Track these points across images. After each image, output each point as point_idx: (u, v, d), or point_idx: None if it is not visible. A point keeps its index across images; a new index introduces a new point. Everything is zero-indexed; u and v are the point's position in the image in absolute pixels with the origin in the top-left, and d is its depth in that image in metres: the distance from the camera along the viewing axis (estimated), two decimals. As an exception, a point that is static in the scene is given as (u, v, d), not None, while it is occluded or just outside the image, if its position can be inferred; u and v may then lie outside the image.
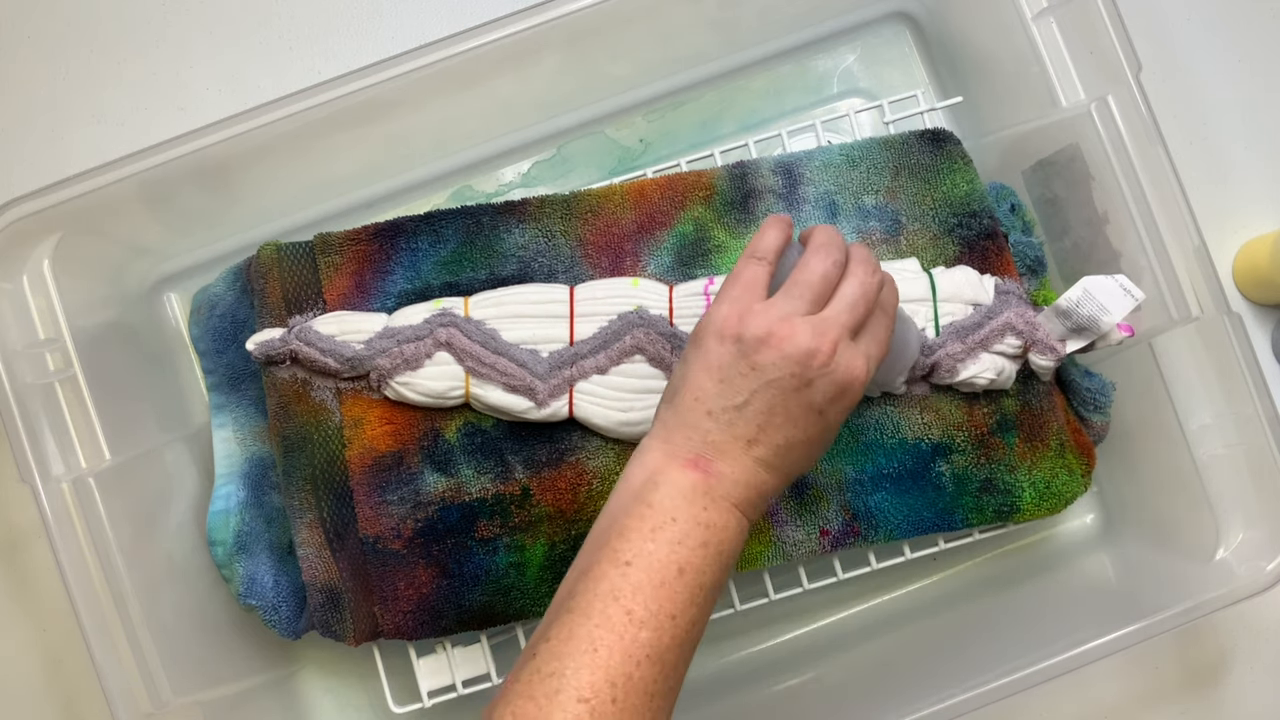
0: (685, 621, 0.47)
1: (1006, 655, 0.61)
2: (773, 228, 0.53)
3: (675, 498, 0.48)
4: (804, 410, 0.49)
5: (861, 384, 0.50)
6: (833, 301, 0.51)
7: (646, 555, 0.47)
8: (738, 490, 0.49)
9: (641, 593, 0.46)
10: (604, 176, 0.74)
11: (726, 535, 0.48)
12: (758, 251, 0.52)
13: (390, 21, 0.75)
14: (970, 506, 0.64)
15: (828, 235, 0.52)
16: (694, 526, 0.48)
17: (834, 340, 0.49)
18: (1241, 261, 0.74)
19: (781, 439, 0.49)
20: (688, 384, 0.50)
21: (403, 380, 0.62)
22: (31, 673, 0.72)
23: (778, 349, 0.48)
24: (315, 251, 0.65)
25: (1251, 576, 0.61)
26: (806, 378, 0.48)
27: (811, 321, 0.49)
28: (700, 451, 0.49)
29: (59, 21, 0.75)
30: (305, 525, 0.63)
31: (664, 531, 0.47)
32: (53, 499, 0.60)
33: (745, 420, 0.49)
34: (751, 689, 0.69)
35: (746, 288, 0.51)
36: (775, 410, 0.49)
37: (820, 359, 0.48)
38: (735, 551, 0.49)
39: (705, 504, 0.48)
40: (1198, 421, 0.64)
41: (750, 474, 0.49)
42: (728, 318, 0.50)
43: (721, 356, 0.49)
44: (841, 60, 0.76)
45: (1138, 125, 0.61)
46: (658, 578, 0.46)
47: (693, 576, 0.47)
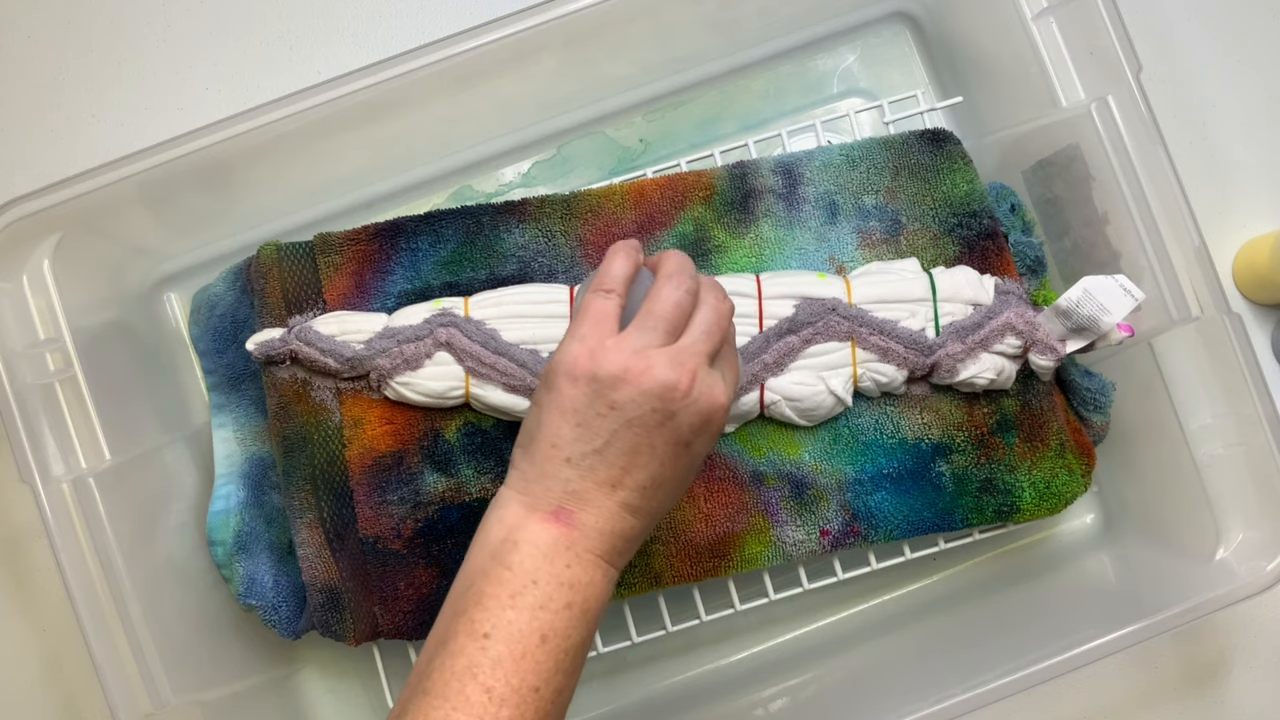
0: (550, 691, 0.45)
1: (1006, 655, 0.61)
2: (619, 256, 0.50)
3: (535, 558, 0.46)
4: (669, 445, 0.47)
5: (724, 411, 0.48)
6: (688, 330, 0.48)
7: (506, 625, 0.44)
8: (603, 541, 0.47)
9: (502, 667, 0.44)
10: (604, 176, 0.74)
11: (592, 592, 0.46)
12: (605, 283, 0.50)
13: (390, 21, 0.75)
14: (970, 506, 0.64)
15: (678, 262, 0.50)
16: (557, 588, 0.45)
17: (693, 370, 0.47)
18: (1241, 261, 0.74)
19: (647, 479, 0.47)
20: (543, 430, 0.47)
21: (403, 380, 0.62)
22: (31, 673, 0.72)
23: (635, 385, 0.46)
24: (315, 251, 0.65)
25: (1251, 576, 0.61)
26: (669, 411, 0.46)
27: (668, 353, 0.47)
28: (561, 502, 0.46)
29: (59, 21, 0.75)
30: (305, 525, 0.63)
31: (525, 597, 0.45)
32: (53, 499, 0.60)
33: (607, 464, 0.46)
34: (752, 689, 0.69)
35: (596, 323, 0.48)
36: (639, 449, 0.46)
37: (681, 390, 0.46)
38: (602, 606, 0.47)
39: (568, 560, 0.46)
40: (1198, 421, 0.64)
41: (616, 521, 0.47)
42: (578, 357, 0.47)
43: (576, 399, 0.47)
44: (841, 60, 0.76)
45: (1138, 125, 0.61)
46: (519, 649, 0.44)
47: (557, 642, 0.45)
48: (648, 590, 0.64)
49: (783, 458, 0.64)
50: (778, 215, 0.66)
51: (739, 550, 0.63)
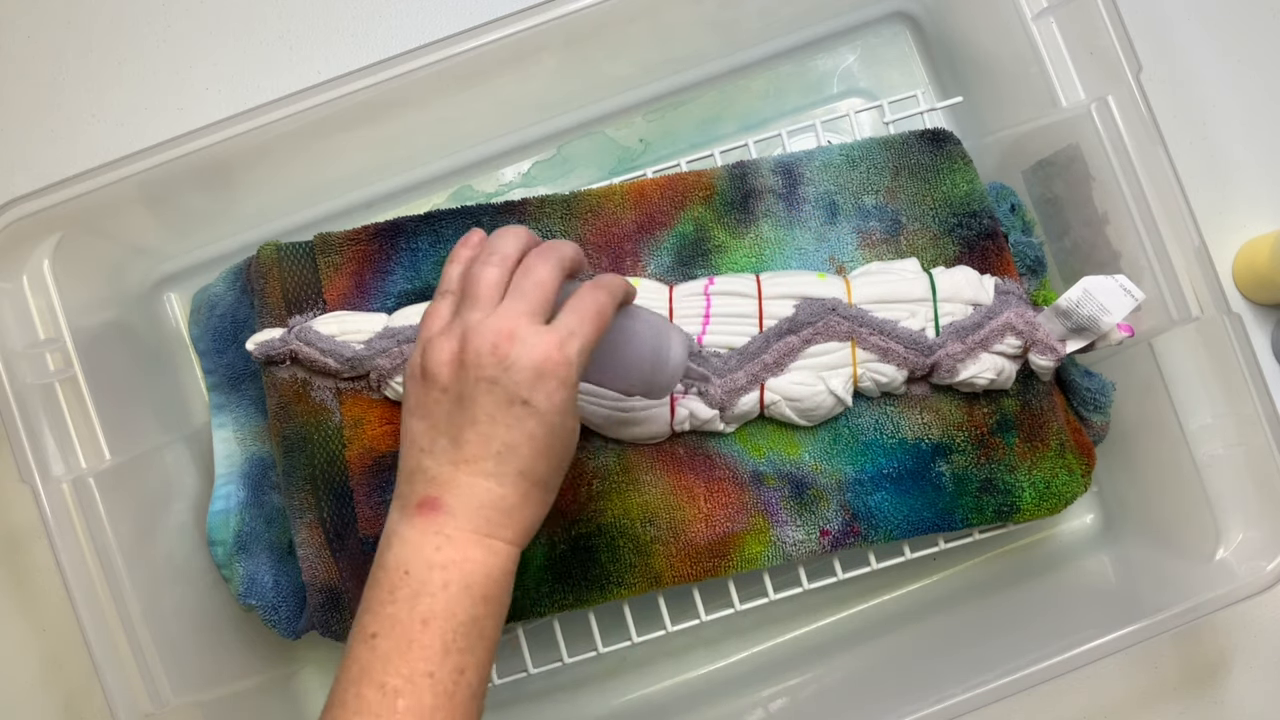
0: (447, 673, 0.45)
1: (1006, 655, 0.61)
2: (453, 261, 0.52)
3: (406, 550, 0.47)
4: (505, 407, 0.47)
5: (559, 361, 0.47)
6: (505, 297, 0.49)
7: (389, 620, 0.46)
8: (474, 516, 0.48)
9: (391, 661, 0.45)
10: (604, 176, 0.74)
11: (469, 567, 0.47)
12: (441, 286, 0.51)
13: (390, 21, 0.75)
14: (970, 506, 0.64)
15: (493, 238, 0.51)
16: (428, 571, 0.46)
17: (509, 331, 0.47)
18: (1241, 261, 0.74)
19: (498, 445, 0.47)
20: (404, 435, 0.50)
21: (403, 380, 0.62)
22: (31, 673, 0.72)
23: (457, 362, 0.48)
24: (315, 251, 0.65)
25: (1251, 576, 0.61)
26: (492, 376, 0.47)
27: (484, 322, 0.48)
28: (425, 491, 0.48)
29: (59, 21, 0.75)
30: (305, 525, 0.63)
31: (400, 589, 0.46)
32: (53, 499, 0.60)
33: (455, 443, 0.48)
34: (752, 689, 0.69)
35: (428, 324, 0.50)
36: (478, 420, 0.47)
37: (500, 353, 0.47)
38: (491, 579, 0.48)
39: (438, 544, 0.47)
40: (1198, 421, 0.64)
41: (481, 493, 0.48)
42: (414, 359, 0.50)
43: (417, 395, 0.49)
44: (841, 60, 0.76)
45: (1138, 125, 0.60)
46: (404, 640, 0.45)
47: (441, 623, 0.46)
48: (648, 590, 0.64)
49: (783, 458, 0.64)
50: (778, 215, 0.66)
51: (739, 550, 0.63)
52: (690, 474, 0.63)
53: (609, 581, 0.63)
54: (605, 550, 0.63)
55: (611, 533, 0.63)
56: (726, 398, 0.62)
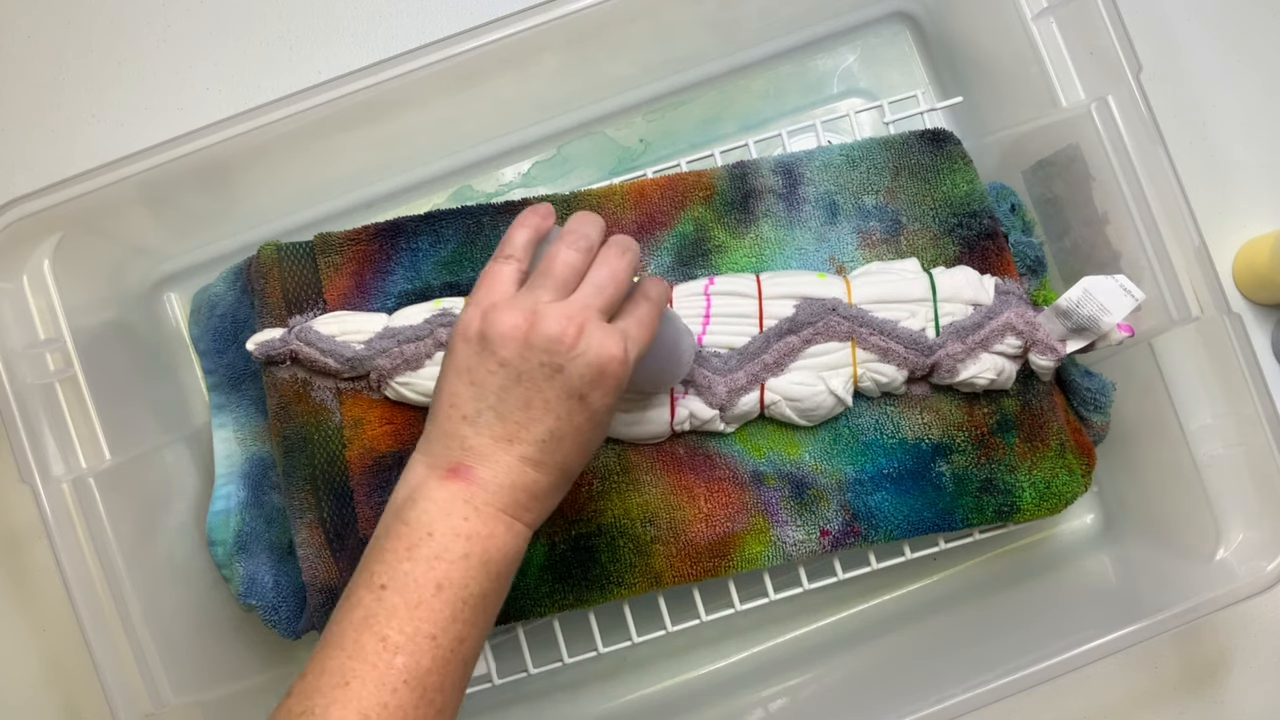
0: (449, 640, 0.45)
1: (1006, 655, 0.61)
2: (520, 225, 0.52)
3: (432, 512, 0.47)
4: (562, 398, 0.47)
5: (620, 364, 0.48)
6: (581, 286, 0.49)
7: (402, 576, 0.46)
8: (504, 494, 0.48)
9: (396, 616, 0.45)
10: (604, 176, 0.74)
11: (492, 543, 0.47)
12: (504, 250, 0.51)
13: (390, 22, 0.75)
14: (970, 506, 0.64)
15: (578, 222, 0.51)
16: (453, 539, 0.46)
17: (580, 323, 0.47)
18: (1241, 261, 0.74)
19: (544, 432, 0.48)
20: (442, 392, 0.49)
21: (403, 380, 0.62)
22: (31, 673, 0.72)
23: (522, 340, 0.47)
24: (315, 251, 0.65)
25: (1251, 576, 0.61)
26: (557, 364, 0.47)
27: (556, 307, 0.48)
28: (460, 459, 0.48)
29: (59, 21, 0.75)
30: (305, 525, 0.63)
31: (421, 549, 0.46)
32: (53, 499, 0.60)
33: (502, 419, 0.47)
34: (752, 689, 0.69)
35: (490, 287, 0.50)
36: (532, 404, 0.47)
37: (567, 343, 0.47)
38: (508, 558, 0.48)
39: (466, 514, 0.47)
40: (1198, 421, 0.64)
41: (516, 474, 0.48)
42: (470, 319, 0.49)
43: (469, 358, 0.48)
44: (841, 60, 0.76)
45: (1138, 125, 0.61)
46: (414, 598, 0.45)
47: (454, 591, 0.46)
48: (648, 590, 0.64)
49: (783, 458, 0.64)
50: (778, 215, 0.66)
51: (739, 550, 0.63)
52: (690, 474, 0.63)
53: (609, 581, 0.63)
54: (605, 550, 0.63)
55: (611, 533, 0.63)
56: (727, 398, 0.62)
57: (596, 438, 0.50)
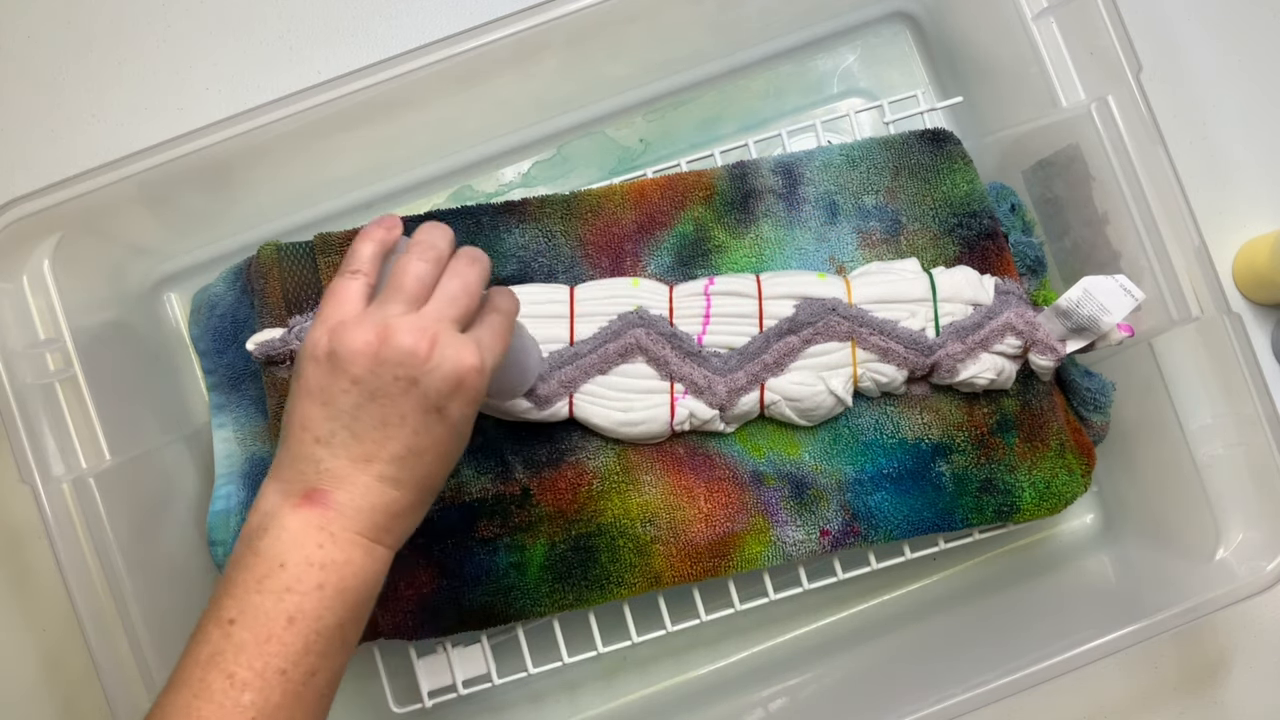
0: (301, 673, 0.44)
1: (1006, 655, 0.61)
2: (365, 239, 0.50)
3: (284, 541, 0.45)
4: (419, 412, 0.46)
5: (478, 374, 0.47)
6: (432, 298, 0.48)
7: (252, 609, 0.44)
8: (362, 518, 0.46)
9: (245, 652, 0.43)
10: (604, 176, 0.74)
11: (349, 570, 0.45)
12: (349, 265, 0.49)
13: (390, 21, 0.75)
14: (970, 506, 0.64)
15: (425, 233, 0.50)
16: (306, 569, 0.44)
17: (434, 335, 0.46)
18: (1241, 261, 0.74)
19: (402, 449, 0.46)
20: (293, 416, 0.47)
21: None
22: (31, 673, 0.72)
23: (374, 356, 0.46)
24: (315, 251, 0.65)
25: (1251, 576, 0.61)
26: (412, 378, 0.46)
27: (407, 320, 0.46)
28: (314, 484, 0.46)
29: (59, 21, 0.75)
30: (305, 525, 0.63)
31: (271, 580, 0.44)
32: (53, 499, 0.60)
33: (358, 439, 0.46)
34: (752, 689, 0.69)
35: (337, 304, 0.48)
36: (388, 420, 0.46)
37: (422, 355, 0.46)
38: (366, 585, 0.46)
39: (321, 541, 0.45)
40: (1198, 421, 0.64)
41: (375, 495, 0.46)
42: (318, 339, 0.47)
43: (319, 379, 0.46)
44: (841, 60, 0.76)
45: (1138, 125, 0.60)
46: (264, 632, 0.43)
47: (307, 624, 0.44)
48: (648, 590, 0.64)
49: (783, 458, 0.64)
50: (778, 215, 0.66)
51: (739, 550, 0.63)
52: (690, 474, 0.63)
53: (609, 581, 0.63)
54: (605, 550, 0.63)
55: (611, 533, 0.63)
56: (727, 398, 0.62)
57: (457, 449, 0.48)
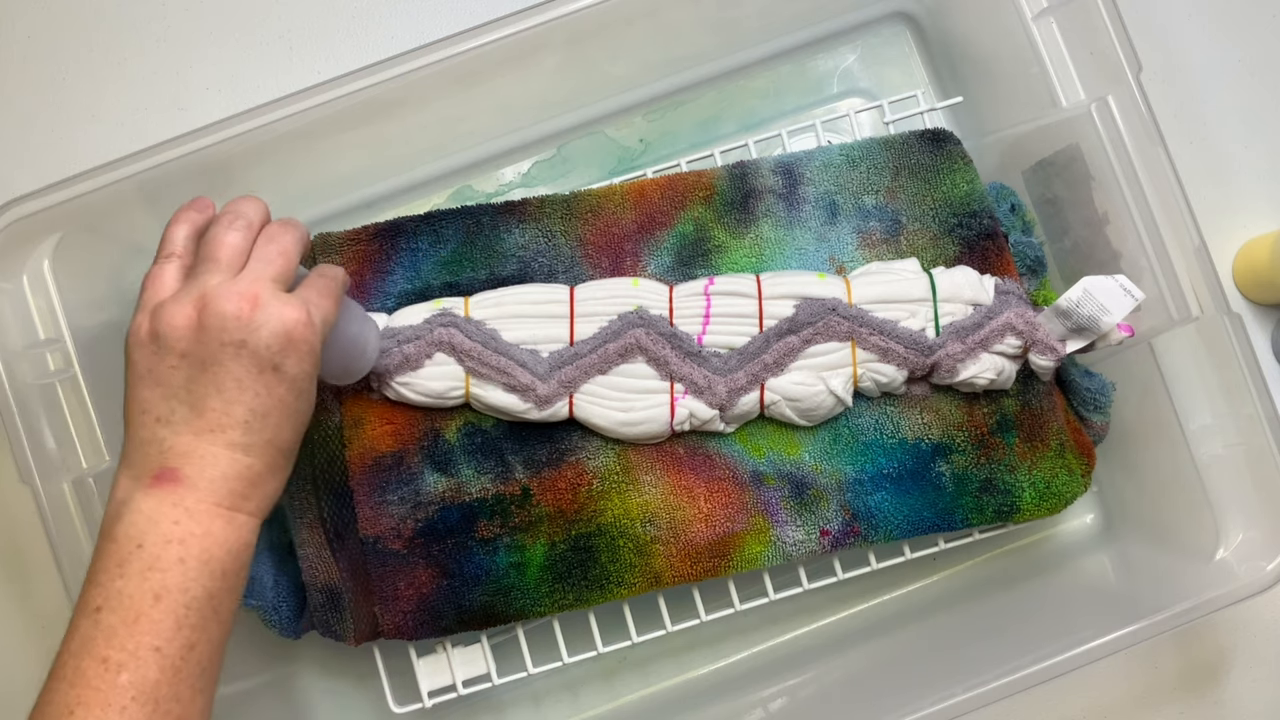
0: (176, 648, 0.44)
1: (1006, 655, 0.61)
2: (176, 222, 0.51)
3: (139, 523, 0.45)
4: (254, 374, 0.46)
5: (306, 326, 0.47)
6: (248, 264, 0.49)
7: (116, 594, 0.44)
8: (216, 487, 0.46)
9: (116, 635, 0.43)
10: (604, 176, 0.74)
11: (211, 541, 0.46)
12: (163, 249, 0.50)
13: (390, 22, 0.75)
14: (970, 506, 0.64)
15: (233, 204, 0.51)
16: (164, 546, 0.45)
17: (254, 294, 0.47)
18: (1241, 261, 0.74)
19: (245, 412, 0.46)
20: (131, 403, 0.47)
21: (403, 380, 0.62)
22: (32, 673, 0.72)
23: (196, 327, 0.46)
24: (315, 251, 0.65)
25: (1251, 576, 0.61)
26: (240, 340, 0.46)
27: (225, 285, 0.47)
28: (162, 463, 0.46)
29: (59, 21, 0.75)
30: (305, 525, 0.63)
31: (132, 563, 0.45)
32: (53, 499, 0.60)
33: (198, 412, 0.46)
34: (752, 689, 0.69)
35: (154, 288, 0.49)
36: (225, 387, 0.46)
37: (245, 316, 0.46)
38: (232, 553, 0.46)
39: (176, 517, 0.45)
40: (1198, 421, 0.64)
41: (226, 464, 0.46)
42: (139, 324, 0.48)
43: (147, 361, 0.47)
44: (841, 60, 0.76)
45: (1138, 125, 0.61)
46: (132, 614, 0.44)
47: (174, 598, 0.44)
48: (648, 590, 0.64)
49: (783, 458, 0.64)
50: (778, 215, 0.66)
51: (739, 550, 0.63)
52: (690, 474, 0.63)
53: (609, 581, 0.63)
54: (605, 550, 0.63)
55: (611, 533, 0.63)
56: (727, 398, 0.62)
57: (304, 408, 0.49)
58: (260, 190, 0.70)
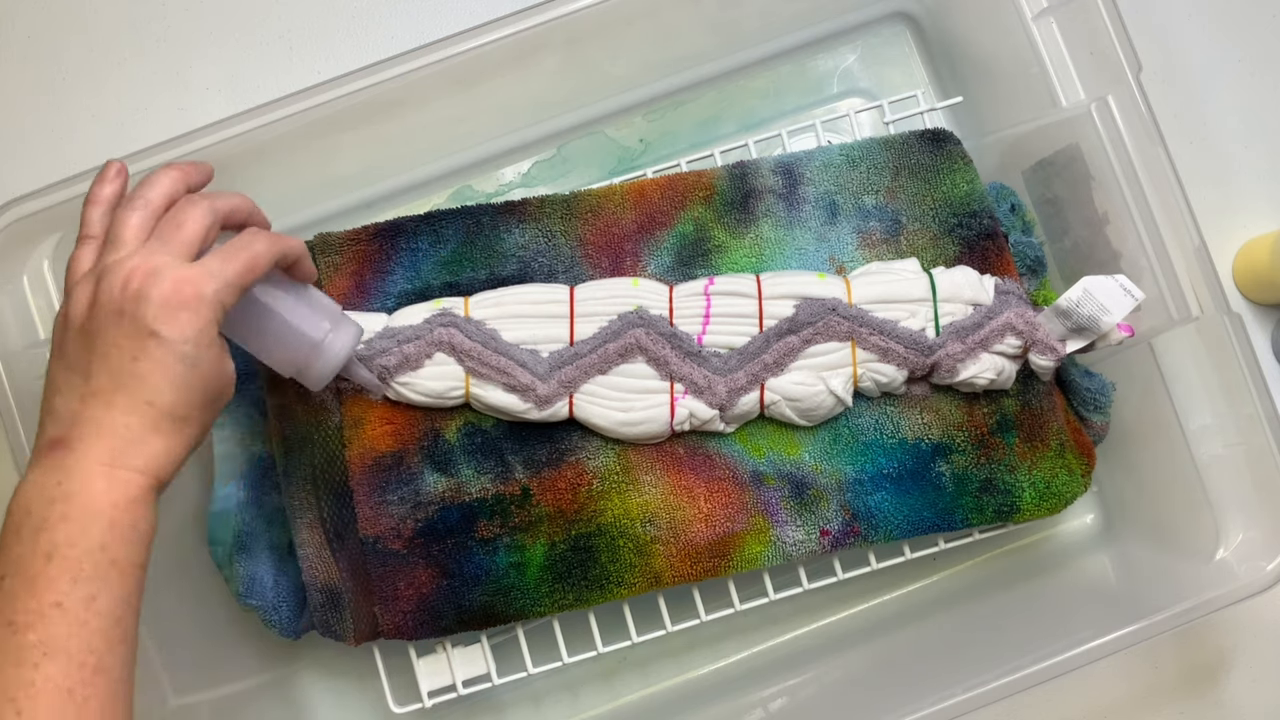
0: (77, 601, 0.45)
1: (1006, 655, 0.61)
2: (90, 203, 0.52)
3: (29, 492, 0.47)
4: (131, 338, 0.47)
5: (192, 294, 0.48)
6: (149, 239, 0.50)
7: (13, 560, 0.46)
8: (96, 445, 0.47)
9: (18, 599, 0.45)
10: (604, 176, 0.74)
11: (90, 495, 0.46)
12: (81, 231, 0.52)
13: (390, 22, 0.75)
14: (970, 506, 0.64)
15: (140, 185, 0.51)
16: (48, 506, 0.46)
17: (142, 268, 0.48)
18: (1241, 261, 0.74)
19: (125, 376, 0.47)
20: (45, 383, 0.50)
21: (403, 380, 0.62)
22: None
23: (91, 303, 0.48)
24: (315, 251, 0.65)
25: (1251, 576, 0.61)
26: (119, 309, 0.47)
27: (119, 261, 0.48)
28: (53, 433, 0.48)
29: (59, 21, 0.75)
30: (305, 525, 0.63)
31: (23, 529, 0.46)
32: (53, 499, 0.60)
33: (85, 378, 0.48)
34: (752, 689, 0.69)
35: (71, 273, 0.51)
36: (107, 354, 0.47)
37: (133, 288, 0.47)
38: (119, 507, 0.47)
39: (59, 479, 0.47)
40: (1198, 421, 0.64)
41: (106, 424, 0.47)
42: (61, 306, 0.50)
43: (57, 339, 0.49)
44: (841, 60, 0.76)
45: (1138, 125, 0.61)
46: (28, 576, 0.45)
47: (64, 553, 0.45)
48: (648, 590, 0.64)
49: (783, 458, 0.64)
50: (778, 215, 0.66)
51: (739, 550, 0.63)
52: (690, 474, 0.63)
53: (609, 581, 0.63)
54: (605, 550, 0.63)
55: (611, 533, 0.63)
56: (727, 398, 0.62)
57: (196, 374, 0.49)
58: (260, 190, 0.70)
